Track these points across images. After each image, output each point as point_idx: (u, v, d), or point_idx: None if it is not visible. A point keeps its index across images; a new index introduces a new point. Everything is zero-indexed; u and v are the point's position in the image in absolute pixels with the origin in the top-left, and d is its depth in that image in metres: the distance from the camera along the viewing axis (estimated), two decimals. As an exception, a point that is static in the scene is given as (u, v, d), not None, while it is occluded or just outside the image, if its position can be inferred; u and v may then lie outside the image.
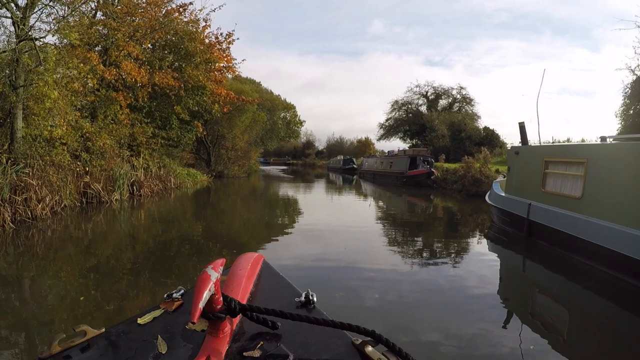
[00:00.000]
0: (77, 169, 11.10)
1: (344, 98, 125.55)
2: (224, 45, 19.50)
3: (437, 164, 22.05)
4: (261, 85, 49.82)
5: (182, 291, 1.18)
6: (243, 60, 19.78)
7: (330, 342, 0.98)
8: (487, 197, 10.05)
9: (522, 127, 8.21)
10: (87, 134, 12.47)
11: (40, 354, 0.94)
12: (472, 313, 4.41)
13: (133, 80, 14.44)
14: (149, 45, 17.97)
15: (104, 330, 1.02)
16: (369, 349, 0.94)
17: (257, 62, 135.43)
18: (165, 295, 1.17)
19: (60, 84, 11.15)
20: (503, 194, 8.67)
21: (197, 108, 17.54)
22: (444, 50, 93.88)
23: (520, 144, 8.42)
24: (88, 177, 11.12)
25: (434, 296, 4.99)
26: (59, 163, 10.40)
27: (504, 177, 11.12)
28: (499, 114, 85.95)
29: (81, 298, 4.35)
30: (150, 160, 16.15)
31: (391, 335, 0.97)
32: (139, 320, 1.05)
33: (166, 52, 17.37)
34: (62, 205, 10.00)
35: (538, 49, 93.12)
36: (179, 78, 15.78)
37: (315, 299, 1.13)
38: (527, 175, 7.76)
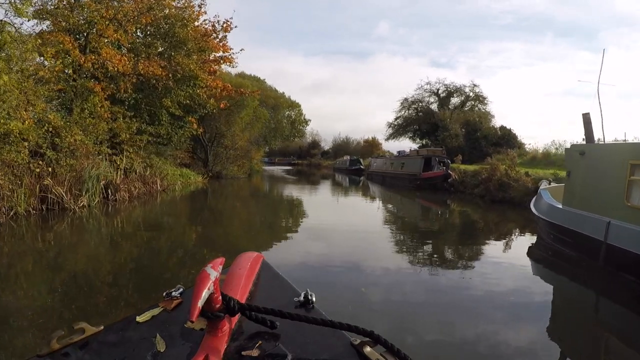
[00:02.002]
0: (37, 170, 9.37)
1: (349, 98, 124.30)
2: (220, 35, 17.73)
3: (453, 165, 20.07)
4: (265, 82, 48.15)
5: (181, 290, 1.14)
6: (241, 50, 17.82)
7: (329, 342, 0.97)
8: (532, 207, 8.15)
9: (587, 119, 6.29)
10: (55, 129, 10.73)
11: (39, 352, 0.91)
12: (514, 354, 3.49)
13: (114, 68, 12.69)
14: (138, 33, 16.30)
15: (102, 327, 1.00)
16: (368, 349, 0.92)
17: (262, 63, 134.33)
18: (164, 294, 1.12)
19: (18, 67, 9.44)
20: (559, 206, 6.75)
21: (188, 101, 15.73)
22: (450, 51, 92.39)
23: (584, 142, 6.50)
24: (49, 179, 9.35)
25: (458, 331, 3.89)
26: (11, 162, 8.69)
27: (550, 183, 9.20)
28: (505, 115, 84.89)
29: None
30: (136, 159, 14.43)
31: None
32: (138, 319, 1.03)
33: (156, 38, 15.62)
34: (12, 214, 8.27)
35: (542, 51, 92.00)
36: (166, 67, 13.99)
37: (314, 298, 1.09)
38: (599, 183, 5.84)
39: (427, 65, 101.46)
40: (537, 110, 76.86)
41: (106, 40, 13.27)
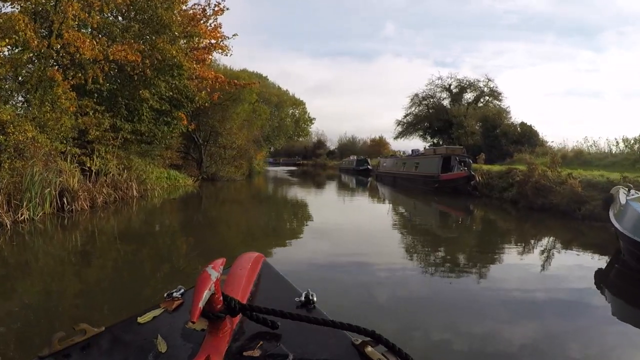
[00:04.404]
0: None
1: (353, 99, 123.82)
2: (211, 21, 15.70)
3: (475, 165, 17.80)
4: (268, 79, 46.22)
5: (182, 290, 1.15)
6: (234, 35, 15.76)
7: (330, 342, 0.96)
8: (614, 220, 6.03)
9: None
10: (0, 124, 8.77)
11: (40, 353, 0.91)
12: None
13: (77, 51, 10.70)
14: (119, 18, 14.35)
15: (103, 328, 1.00)
16: (369, 349, 0.92)
17: (267, 65, 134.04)
18: (165, 295, 1.12)
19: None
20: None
21: (172, 93, 13.68)
22: (454, 51, 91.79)
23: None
24: (-22, 186, 7.37)
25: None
26: None
27: (630, 190, 6.98)
28: (512, 115, 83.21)
29: None
30: (111, 160, 12.45)
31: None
32: (139, 319, 1.03)
33: (136, 22, 13.59)
34: None
35: (545, 51, 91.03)
36: (143, 52, 11.95)
37: (315, 298, 1.09)
38: None
39: (432, 65, 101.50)
40: (538, 110, 75.77)
41: (71, 21, 11.30)
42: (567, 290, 4.97)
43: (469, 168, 16.98)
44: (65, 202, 8.99)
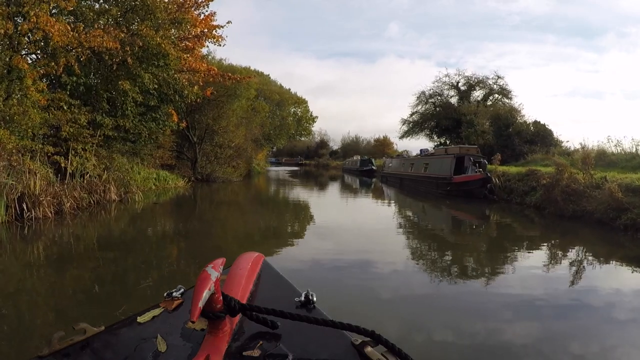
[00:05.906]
0: None
1: (356, 100, 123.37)
2: (202, 9, 14.40)
3: (490, 166, 16.39)
4: (269, 77, 45.00)
5: (182, 290, 1.14)
6: (228, 23, 14.41)
7: (330, 342, 0.96)
8: None
9: None
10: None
11: (40, 352, 0.89)
12: None
13: (45, 36, 9.47)
14: (105, 5, 13.10)
15: (103, 328, 0.99)
16: (369, 349, 0.91)
17: (272, 66, 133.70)
18: (165, 294, 1.11)
19: None
20: None
21: (158, 86, 12.39)
22: (457, 53, 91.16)
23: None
24: None
25: None
26: None
27: None
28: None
29: None
30: (90, 159, 11.21)
31: None
32: (139, 319, 1.03)
33: (115, 6, 12.32)
34: None
35: (548, 52, 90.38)
36: (124, 40, 10.67)
37: (315, 299, 1.08)
38: None
39: (434, 66, 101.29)
40: (542, 110, 75.17)
41: (45, 5, 10.05)
42: (621, 330, 3.73)
43: (485, 169, 15.58)
44: (25, 208, 7.72)
